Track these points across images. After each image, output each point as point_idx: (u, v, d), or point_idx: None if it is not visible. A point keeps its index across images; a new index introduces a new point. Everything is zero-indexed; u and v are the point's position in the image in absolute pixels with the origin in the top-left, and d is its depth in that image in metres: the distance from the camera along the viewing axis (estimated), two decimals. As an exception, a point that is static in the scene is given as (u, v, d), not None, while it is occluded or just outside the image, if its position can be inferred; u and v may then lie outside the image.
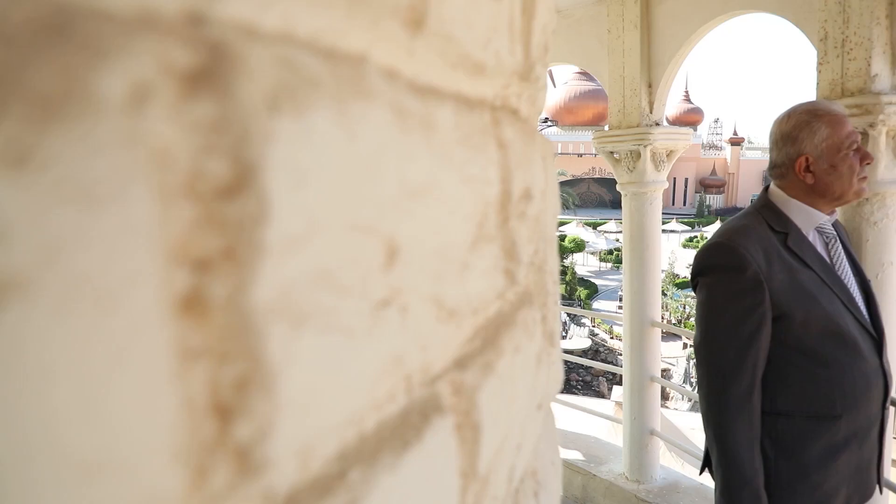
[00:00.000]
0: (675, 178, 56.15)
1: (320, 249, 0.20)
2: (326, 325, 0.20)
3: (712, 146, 58.92)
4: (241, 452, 0.17)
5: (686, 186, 56.42)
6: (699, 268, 1.49)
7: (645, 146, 2.60)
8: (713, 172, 55.60)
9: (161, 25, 0.15)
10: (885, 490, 1.63)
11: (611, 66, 2.69)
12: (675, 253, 31.34)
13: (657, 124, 2.63)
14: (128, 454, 0.15)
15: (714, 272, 1.44)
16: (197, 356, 0.16)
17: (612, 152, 2.75)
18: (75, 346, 0.13)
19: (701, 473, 1.59)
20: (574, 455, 3.16)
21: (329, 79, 0.21)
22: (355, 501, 0.22)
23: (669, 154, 2.71)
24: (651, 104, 2.62)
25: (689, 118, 55.79)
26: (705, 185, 54.94)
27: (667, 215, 48.95)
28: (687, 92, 57.33)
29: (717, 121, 63.98)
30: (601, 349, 20.33)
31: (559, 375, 0.63)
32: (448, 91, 0.32)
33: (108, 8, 0.14)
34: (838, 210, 1.58)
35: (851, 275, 1.52)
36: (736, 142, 55.88)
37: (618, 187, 2.76)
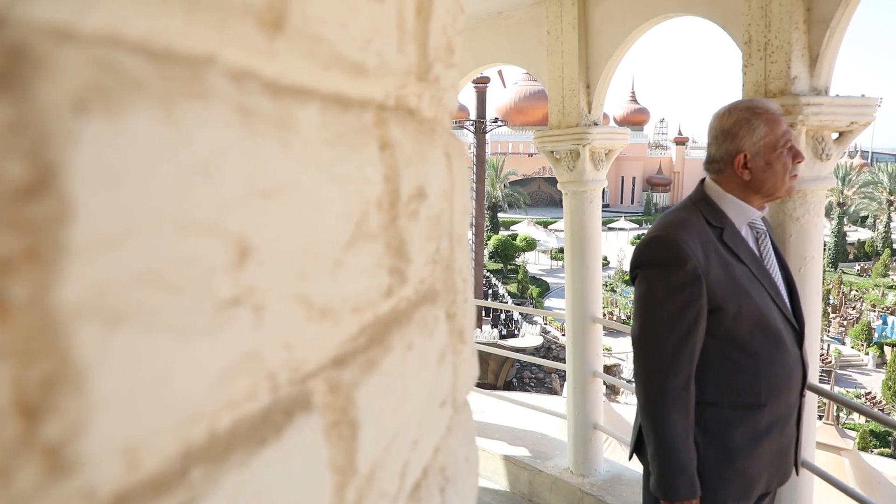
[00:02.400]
0: (622, 177, 57.36)
1: (143, 249, 0.20)
2: (153, 324, 0.20)
3: (658, 146, 60.42)
4: (50, 452, 0.17)
5: (633, 185, 57.70)
6: (639, 261, 1.52)
7: (584, 146, 2.65)
8: (659, 171, 57.02)
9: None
10: (801, 471, 1.71)
11: (550, 66, 2.73)
12: (623, 250, 32.00)
13: (595, 124, 2.68)
14: None
15: (653, 265, 1.48)
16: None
17: (552, 152, 2.79)
18: None
19: (630, 459, 1.63)
20: (521, 451, 3.20)
21: (157, 80, 0.21)
22: (195, 499, 0.22)
23: (608, 153, 2.77)
24: (589, 104, 2.67)
25: (636, 118, 57.09)
26: (652, 184, 56.31)
27: (615, 213, 49.92)
28: (633, 93, 58.65)
29: (662, 121, 65.64)
30: (553, 346, 20.62)
31: (472, 372, 0.64)
32: (321, 91, 0.32)
33: None
34: (767, 205, 1.64)
35: (777, 268, 1.58)
36: (681, 141, 57.43)
37: (559, 186, 2.81)
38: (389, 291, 0.40)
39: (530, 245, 34.14)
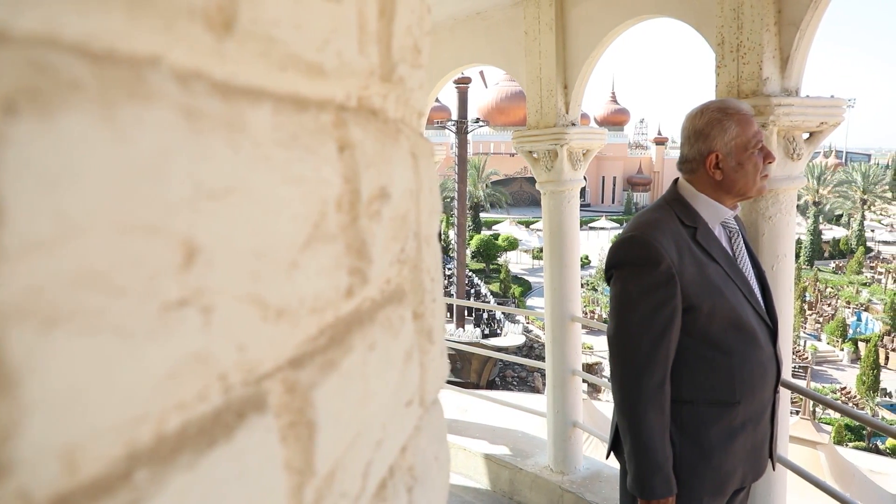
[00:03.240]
0: (603, 177, 57.75)
1: (81, 251, 0.20)
2: (94, 325, 0.20)
3: (638, 146, 60.94)
4: (-20, 456, 0.17)
5: (614, 185, 58.12)
6: (614, 261, 1.53)
7: (561, 146, 2.67)
8: (640, 171, 57.51)
9: None
10: (776, 466, 1.74)
11: (528, 67, 2.75)
12: (604, 249, 32.18)
13: (573, 124, 2.70)
14: None
15: (628, 265, 1.49)
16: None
17: (530, 152, 2.81)
18: None
19: (607, 457, 1.64)
20: (502, 450, 3.21)
21: (95, 81, 0.21)
22: (138, 501, 0.22)
23: (586, 153, 2.79)
24: (567, 105, 2.69)
25: (616, 118, 57.52)
26: (632, 184, 56.77)
27: (596, 212, 50.23)
28: (614, 93, 59.07)
29: (642, 121, 66.23)
30: (535, 345, 20.69)
31: (442, 372, 0.64)
32: (275, 92, 0.32)
33: None
34: (739, 204, 1.66)
35: (750, 267, 1.60)
36: (660, 141, 57.97)
37: (537, 186, 2.83)
38: (350, 292, 0.40)
39: (512, 245, 34.27)
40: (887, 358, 22.77)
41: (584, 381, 3.01)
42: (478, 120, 24.18)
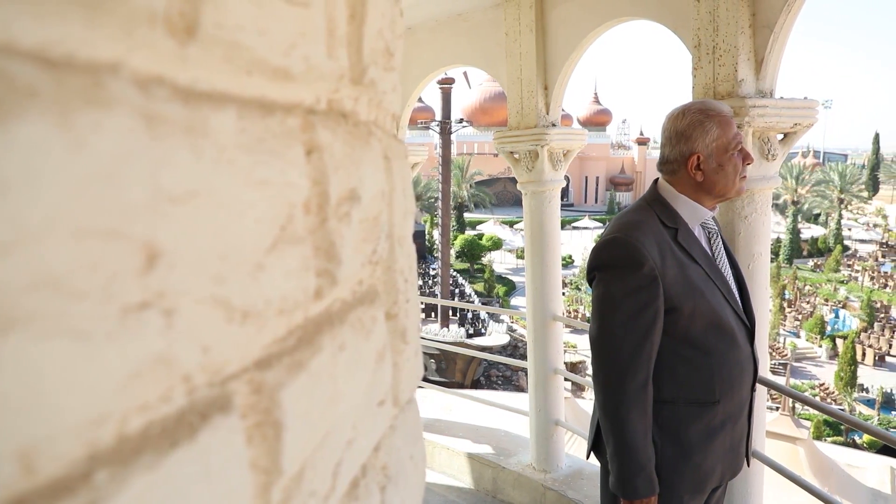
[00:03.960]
0: (586, 177, 58.04)
1: (38, 255, 0.20)
2: (53, 329, 0.20)
3: (621, 146, 61.35)
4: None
5: (597, 184, 58.44)
6: (596, 262, 1.53)
7: (542, 146, 2.68)
8: (622, 171, 57.89)
9: None
10: (752, 461, 1.76)
11: (509, 68, 2.76)
12: (587, 249, 32.34)
13: (554, 125, 2.72)
14: None
15: (611, 267, 1.49)
16: None
17: (511, 152, 2.82)
18: None
19: (588, 457, 1.66)
20: (485, 449, 3.22)
21: (52, 88, 0.21)
22: (98, 501, 0.22)
23: (566, 154, 2.81)
24: (547, 105, 2.70)
25: (599, 119, 57.82)
26: (615, 183, 57.13)
27: (579, 212, 50.46)
28: (596, 94, 59.37)
29: (624, 121, 66.74)
30: (520, 344, 20.75)
31: (416, 371, 0.65)
32: (241, 97, 0.32)
33: None
34: (717, 205, 1.67)
35: (728, 267, 1.62)
36: (642, 141, 58.39)
37: (518, 186, 2.84)
38: (319, 293, 0.40)
39: (496, 244, 34.34)
40: (864, 354, 23.14)
41: (566, 379, 3.03)
42: (461, 120, 24.20)
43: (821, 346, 24.74)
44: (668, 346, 1.49)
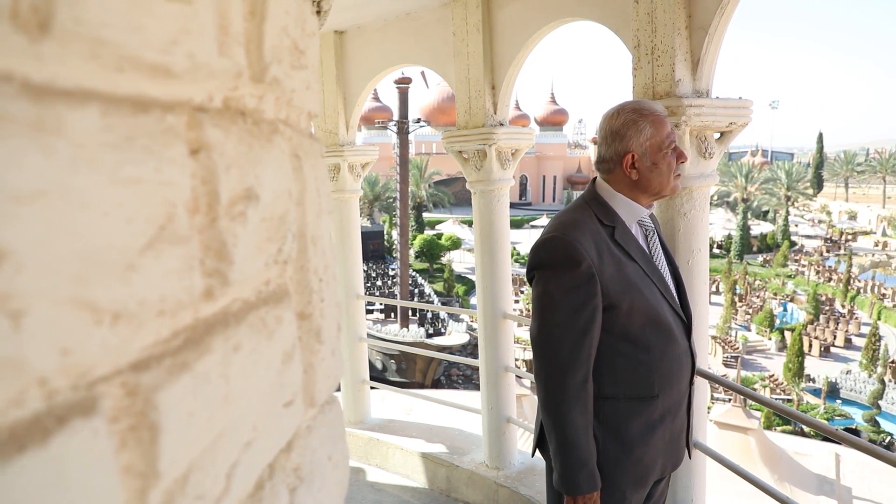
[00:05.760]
0: (544, 176, 58.67)
1: None
2: None
3: (578, 145, 62.24)
4: None
5: (555, 184, 59.13)
6: (535, 262, 1.55)
7: (490, 145, 2.70)
8: (579, 170, 58.70)
9: None
10: (693, 452, 1.81)
11: (457, 68, 2.77)
12: (545, 247, 32.62)
13: (501, 124, 2.74)
14: None
15: (549, 266, 1.51)
16: None
17: (460, 151, 2.83)
18: None
19: (533, 455, 1.67)
20: (439, 448, 3.23)
21: None
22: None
23: (515, 153, 2.83)
24: (495, 105, 2.72)
25: (556, 119, 58.52)
26: (572, 182, 57.90)
27: (537, 211, 50.96)
28: (553, 94, 60.03)
29: (581, 121, 67.69)
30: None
31: (334, 371, 0.64)
32: (111, 94, 0.32)
33: None
34: (655, 203, 1.71)
35: (665, 264, 1.65)
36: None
37: (467, 185, 2.85)
38: (210, 293, 0.40)
39: (455, 244, 34.41)
40: (811, 346, 23.97)
41: (518, 377, 3.05)
42: (419, 120, 24.17)
43: (770, 339, 25.53)
44: (607, 342, 1.51)
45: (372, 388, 3.68)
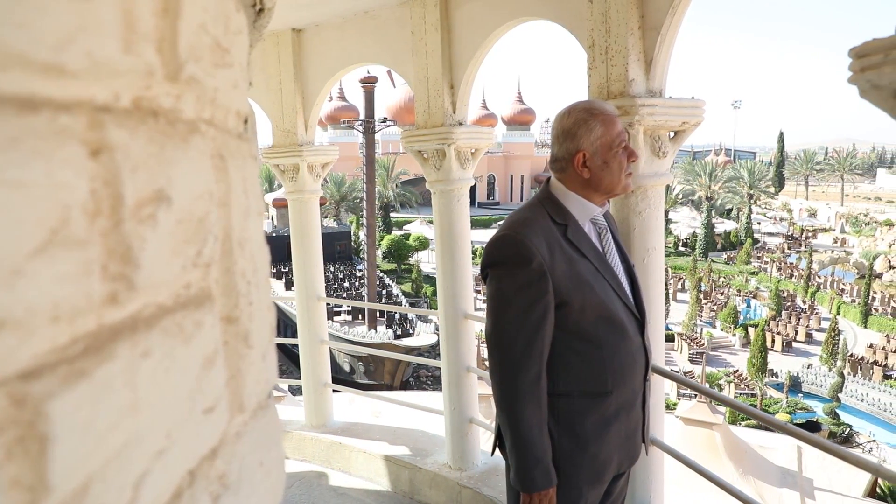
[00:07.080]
0: (511, 175, 59.04)
1: None
2: None
3: (545, 144, 62.74)
4: None
5: (522, 183, 59.54)
6: (488, 260, 1.56)
7: (449, 145, 2.70)
8: (546, 169, 59.18)
9: None
10: (650, 449, 1.83)
11: (415, 67, 2.76)
12: (513, 246, 32.81)
13: (460, 124, 2.74)
14: None
15: (502, 264, 1.52)
16: None
17: (420, 151, 2.82)
18: None
19: (493, 453, 1.68)
20: (402, 450, 3.21)
21: None
22: None
23: (475, 153, 2.83)
24: (454, 104, 2.72)
25: (523, 118, 58.93)
26: (539, 182, 58.31)
27: (505, 210, 51.23)
28: (520, 94, 60.46)
29: (548, 121, 68.22)
30: (448, 343, 20.80)
31: (264, 375, 0.63)
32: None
33: None
34: (610, 201, 1.73)
35: (619, 262, 1.68)
36: (565, 140, 59.77)
37: (427, 185, 2.84)
38: (114, 298, 0.39)
39: (423, 244, 34.38)
40: (773, 341, 24.56)
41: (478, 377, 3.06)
42: (385, 119, 24.09)
43: (734, 335, 26.08)
44: (560, 339, 1.52)
45: (335, 391, 3.65)
